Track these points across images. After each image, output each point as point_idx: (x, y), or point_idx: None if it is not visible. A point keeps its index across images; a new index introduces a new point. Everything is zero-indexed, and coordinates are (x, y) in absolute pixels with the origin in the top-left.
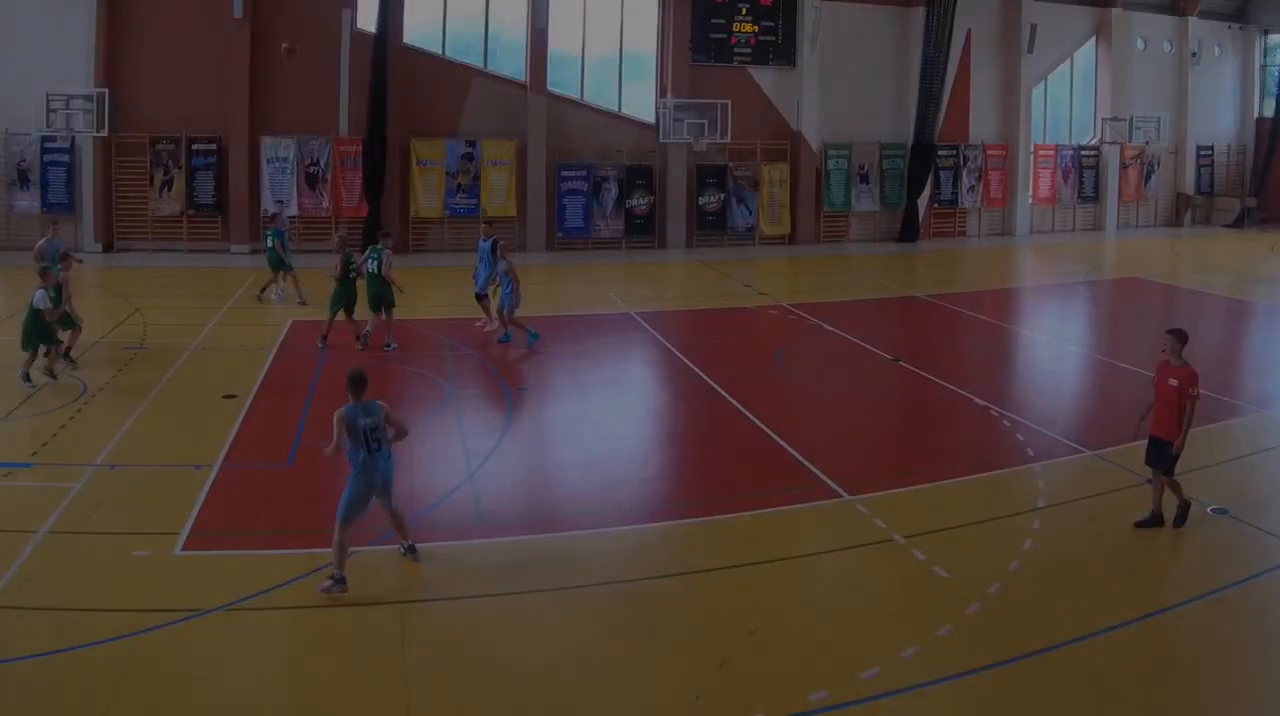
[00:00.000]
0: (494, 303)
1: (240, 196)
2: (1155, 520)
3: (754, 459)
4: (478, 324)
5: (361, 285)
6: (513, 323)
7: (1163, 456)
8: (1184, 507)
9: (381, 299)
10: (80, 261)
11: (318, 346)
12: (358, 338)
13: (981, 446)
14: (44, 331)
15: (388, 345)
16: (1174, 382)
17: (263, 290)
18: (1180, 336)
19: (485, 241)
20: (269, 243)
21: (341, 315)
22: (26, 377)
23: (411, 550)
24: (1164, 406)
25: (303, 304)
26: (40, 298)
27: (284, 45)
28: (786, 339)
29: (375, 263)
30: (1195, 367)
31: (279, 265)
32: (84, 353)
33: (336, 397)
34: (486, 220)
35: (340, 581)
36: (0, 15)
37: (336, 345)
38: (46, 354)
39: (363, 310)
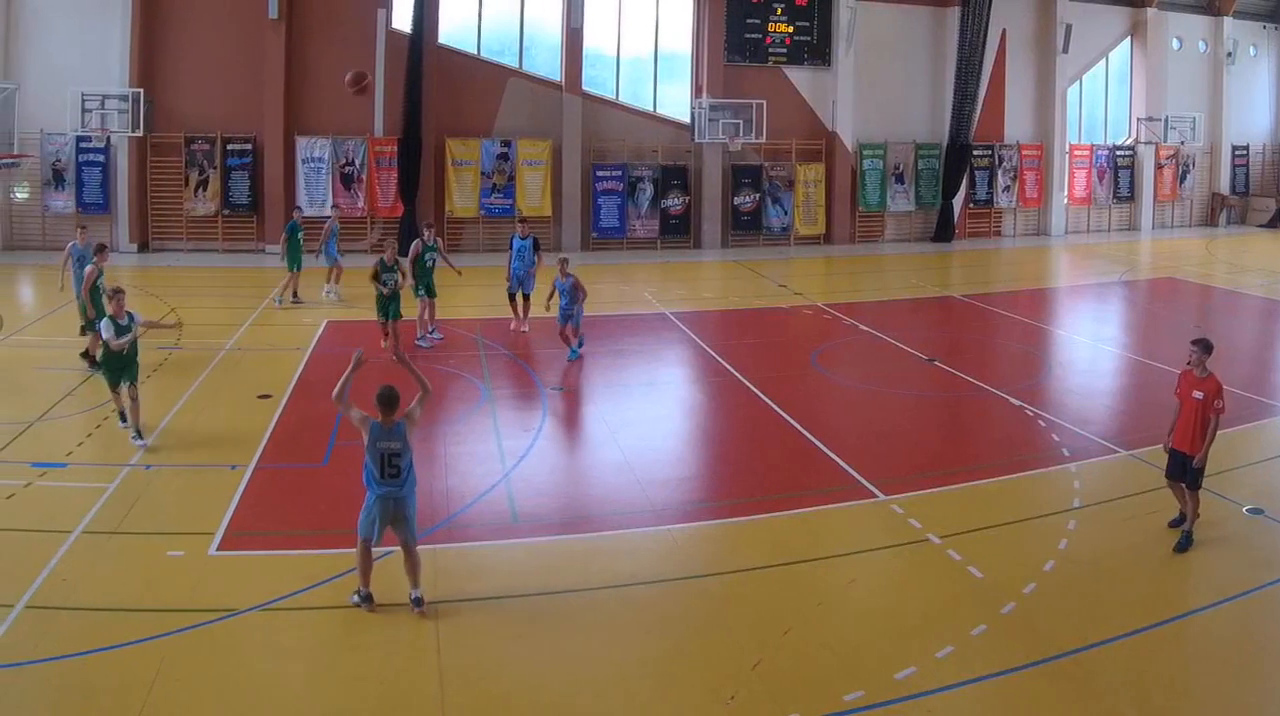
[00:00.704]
0: (530, 308)
1: (275, 196)
2: (1186, 519)
3: (789, 459)
4: (512, 327)
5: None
6: (568, 336)
7: (1186, 471)
8: (1188, 535)
9: (430, 288)
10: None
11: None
12: (389, 338)
13: (1017, 446)
14: (122, 364)
15: (432, 332)
16: (1199, 395)
17: (293, 293)
18: (1205, 346)
19: (524, 240)
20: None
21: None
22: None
23: (418, 602)
24: (1187, 418)
25: (296, 302)
26: (106, 327)
27: (351, 76)
28: (822, 339)
29: (434, 256)
30: (1219, 378)
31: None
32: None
33: (371, 398)
34: (522, 219)
35: (366, 597)
36: (36, 16)
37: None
38: (129, 392)
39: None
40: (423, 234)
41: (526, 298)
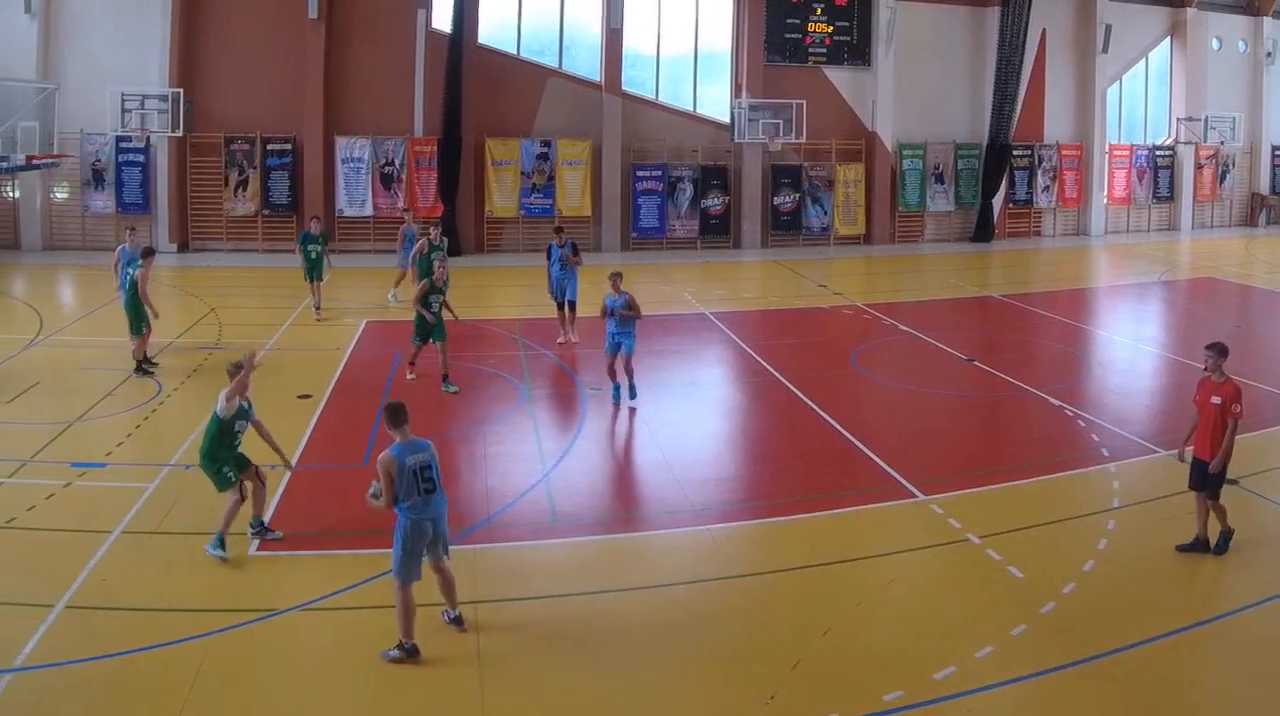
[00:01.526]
0: (576, 316)
1: (315, 197)
2: (1200, 545)
3: (828, 459)
4: (560, 340)
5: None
6: (615, 369)
7: (1207, 479)
8: (1227, 535)
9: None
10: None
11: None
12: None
13: (1056, 446)
14: (222, 447)
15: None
16: (1217, 400)
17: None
18: (1220, 350)
19: (561, 247)
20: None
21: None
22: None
23: (458, 621)
24: (1205, 425)
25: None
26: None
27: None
28: (861, 339)
29: (441, 257)
30: (1237, 382)
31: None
32: (159, 353)
33: (411, 398)
34: (558, 228)
35: (411, 651)
36: (76, 16)
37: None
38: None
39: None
40: (430, 233)
41: (573, 306)
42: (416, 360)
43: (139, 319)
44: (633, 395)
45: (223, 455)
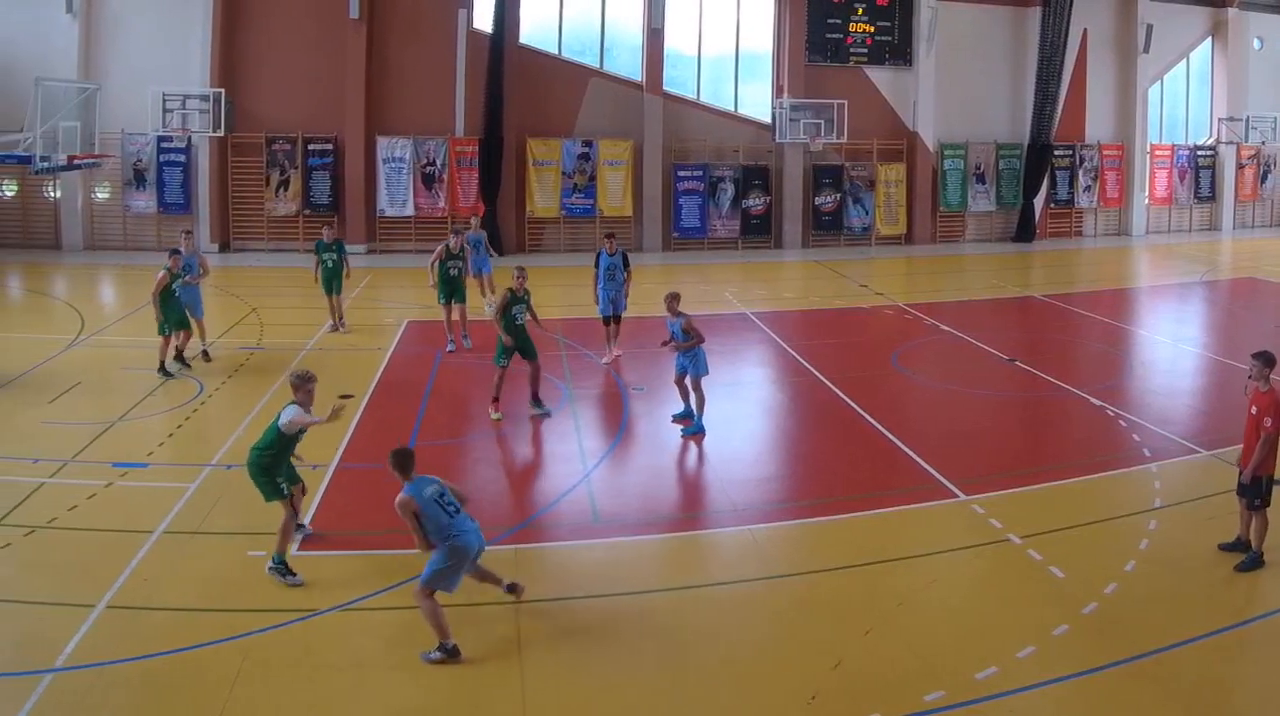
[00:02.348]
0: (621, 330)
1: (356, 196)
2: (1242, 545)
3: (870, 459)
4: (603, 360)
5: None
6: (686, 387)
7: (1247, 488)
8: (1254, 558)
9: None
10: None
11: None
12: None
13: (1097, 446)
14: (280, 460)
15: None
16: (1254, 410)
17: (337, 318)
18: (1267, 360)
19: (612, 257)
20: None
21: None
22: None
23: (513, 587)
24: (1246, 433)
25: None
26: (292, 414)
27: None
28: (903, 339)
29: (458, 265)
30: (1278, 394)
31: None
32: (200, 353)
33: (452, 398)
34: (610, 234)
35: (452, 651)
36: (117, 17)
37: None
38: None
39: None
40: (449, 240)
41: (619, 320)
42: (501, 394)
43: (176, 319)
44: (692, 428)
45: (278, 467)
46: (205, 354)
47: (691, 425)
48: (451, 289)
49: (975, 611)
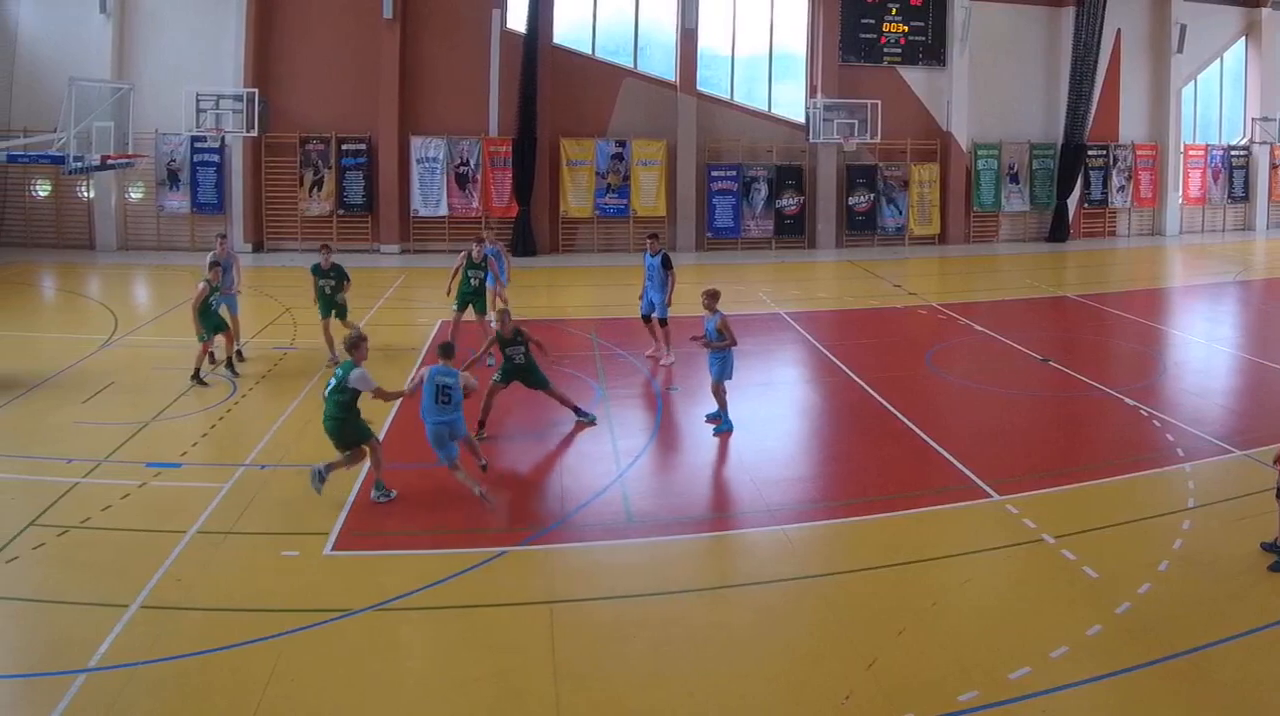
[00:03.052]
0: (670, 336)
1: (390, 197)
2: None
3: (903, 459)
4: (648, 353)
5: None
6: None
7: None
8: None
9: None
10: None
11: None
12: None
13: (1131, 446)
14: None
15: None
16: None
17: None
18: None
19: (653, 258)
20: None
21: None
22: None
23: (483, 467)
24: None
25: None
26: (359, 378)
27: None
28: (936, 339)
29: (479, 274)
30: None
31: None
32: (234, 352)
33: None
34: (651, 234)
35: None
36: (151, 17)
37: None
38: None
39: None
40: (470, 249)
41: (663, 323)
42: (488, 418)
43: (213, 325)
44: (720, 426)
45: (355, 419)
46: (239, 353)
47: (721, 423)
48: (470, 299)
49: (1009, 611)
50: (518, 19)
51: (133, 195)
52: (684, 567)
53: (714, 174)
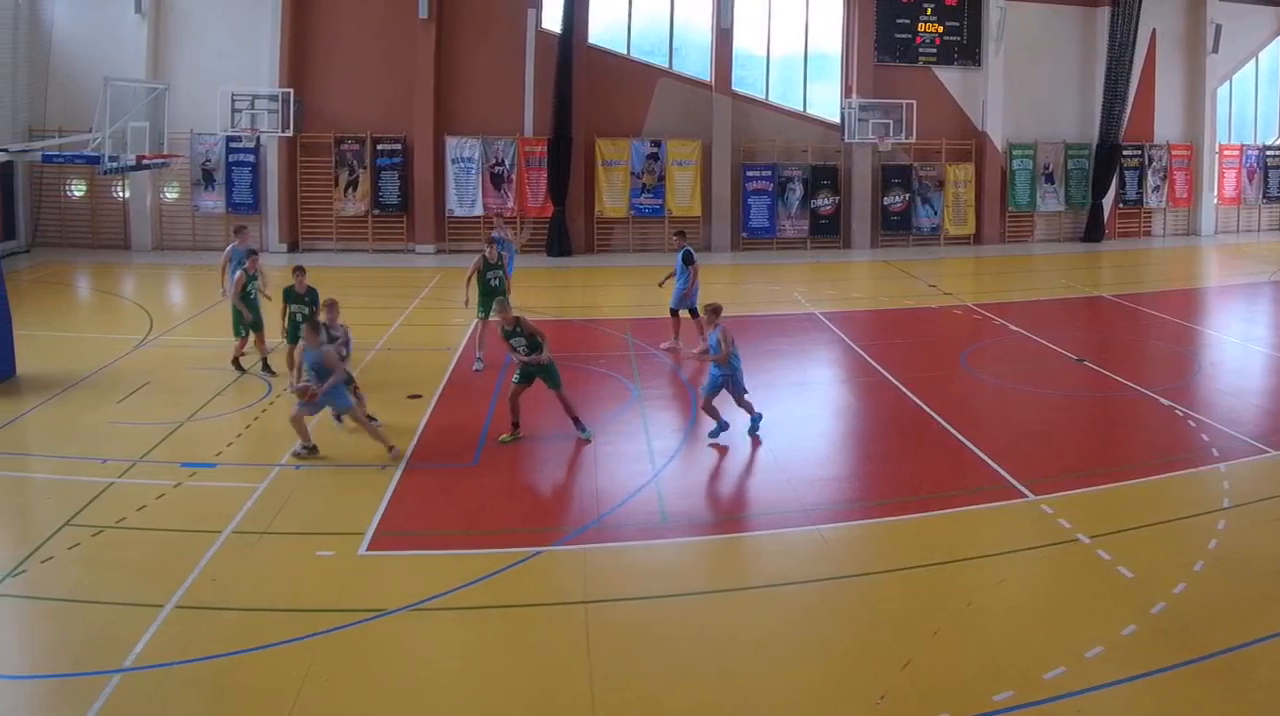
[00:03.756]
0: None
1: (425, 197)
2: None
3: (938, 459)
4: (663, 346)
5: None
6: (713, 409)
7: None
8: None
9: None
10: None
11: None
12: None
13: (1166, 446)
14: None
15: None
16: None
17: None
18: None
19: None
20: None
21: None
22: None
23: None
24: None
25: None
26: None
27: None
28: (971, 339)
29: (498, 275)
30: None
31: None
32: (269, 353)
33: (522, 398)
34: (678, 232)
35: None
36: (186, 17)
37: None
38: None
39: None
40: (485, 251)
41: (693, 313)
42: (520, 418)
43: (238, 322)
44: (756, 421)
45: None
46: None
47: (753, 422)
48: (491, 302)
49: (1044, 611)
50: (553, 19)
51: (168, 195)
52: (719, 568)
53: (749, 174)
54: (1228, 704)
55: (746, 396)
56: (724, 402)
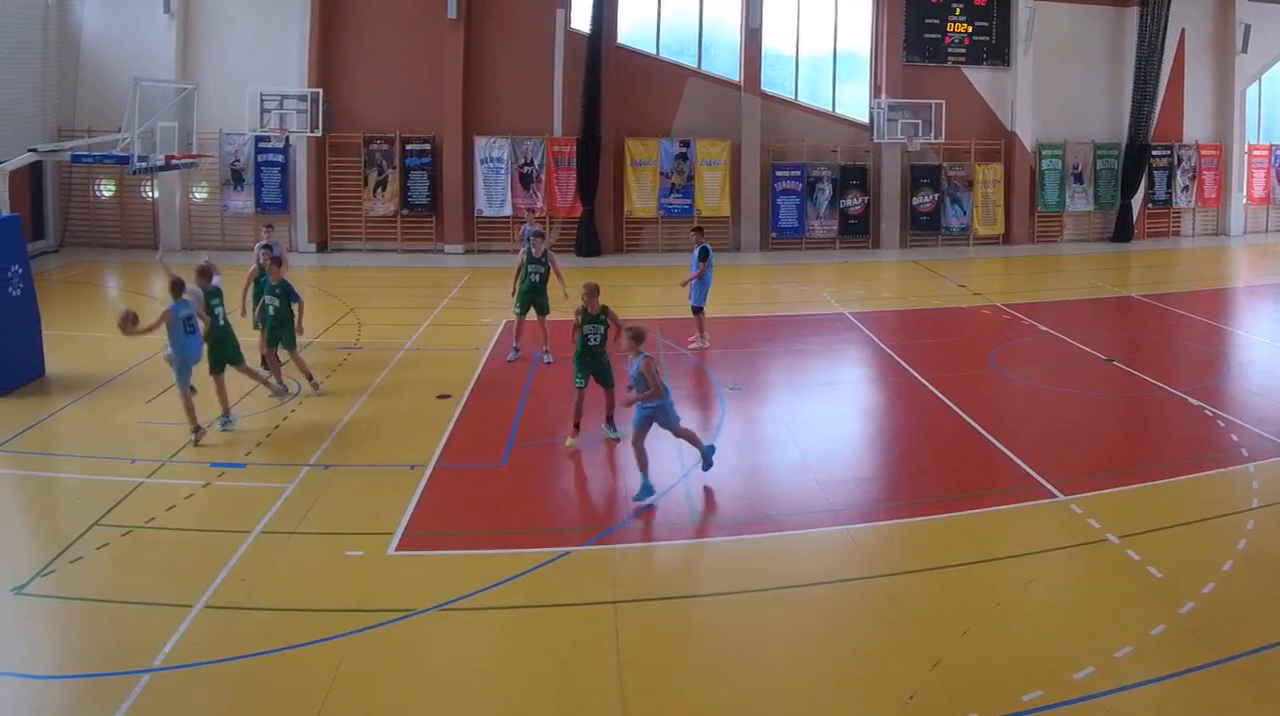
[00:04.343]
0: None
1: (454, 197)
2: None
3: (968, 459)
4: (690, 343)
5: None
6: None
7: None
8: None
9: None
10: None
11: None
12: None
13: (1195, 446)
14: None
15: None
16: None
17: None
18: None
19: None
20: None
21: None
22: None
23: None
24: None
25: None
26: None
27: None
28: (1001, 339)
29: (539, 269)
30: None
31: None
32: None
33: (551, 398)
34: (697, 228)
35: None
36: (214, 17)
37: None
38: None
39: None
40: (529, 246)
41: (695, 312)
42: (581, 421)
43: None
44: (640, 493)
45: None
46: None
47: (641, 491)
48: (531, 298)
49: (1073, 611)
50: (582, 19)
51: (197, 195)
52: (748, 567)
53: (778, 174)
54: (1258, 704)
55: (682, 426)
56: (660, 441)
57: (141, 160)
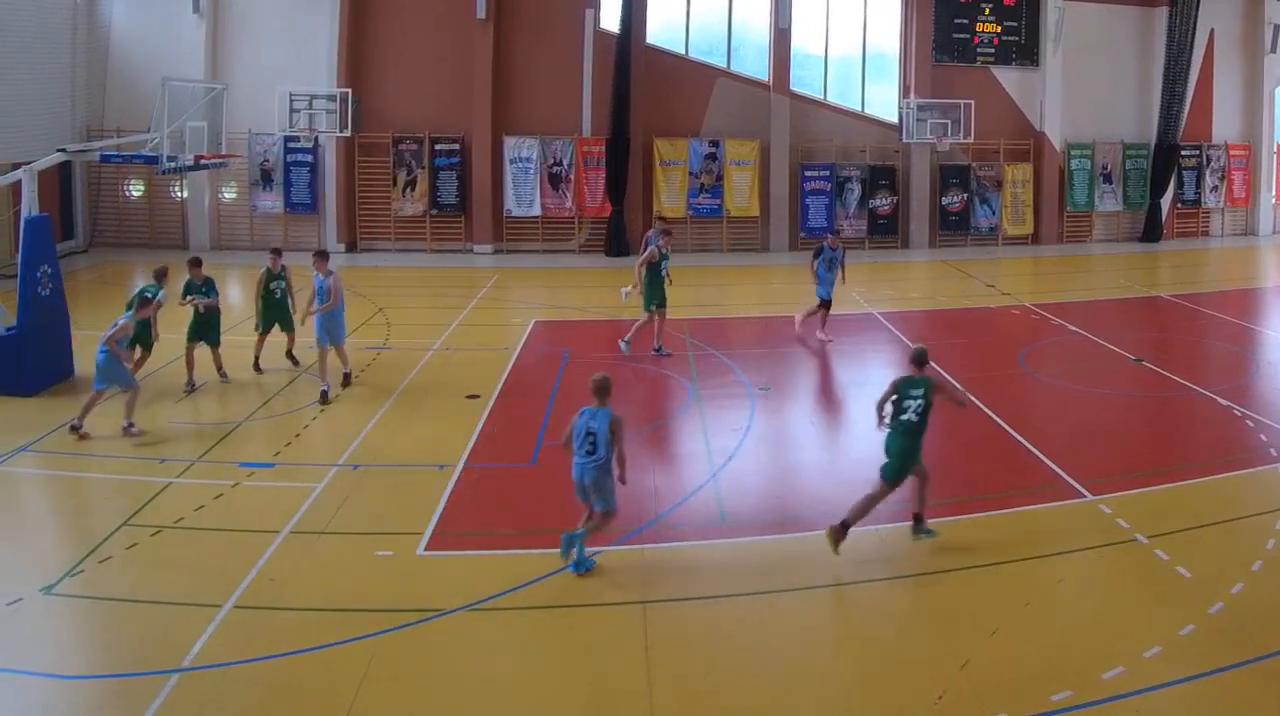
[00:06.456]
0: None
1: (483, 197)
2: None
3: (997, 459)
4: (820, 336)
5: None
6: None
7: None
8: None
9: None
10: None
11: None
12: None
13: (1224, 446)
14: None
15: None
16: None
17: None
18: None
19: (837, 251)
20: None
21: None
22: None
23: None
24: None
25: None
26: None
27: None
28: (1030, 339)
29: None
30: None
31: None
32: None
33: (580, 399)
34: (835, 231)
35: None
36: (244, 17)
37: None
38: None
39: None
40: (659, 241)
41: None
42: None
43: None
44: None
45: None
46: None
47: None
48: (663, 292)
49: (1102, 611)
50: (611, 19)
51: (226, 195)
52: (777, 568)
53: (807, 174)
54: None
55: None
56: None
57: (170, 160)
